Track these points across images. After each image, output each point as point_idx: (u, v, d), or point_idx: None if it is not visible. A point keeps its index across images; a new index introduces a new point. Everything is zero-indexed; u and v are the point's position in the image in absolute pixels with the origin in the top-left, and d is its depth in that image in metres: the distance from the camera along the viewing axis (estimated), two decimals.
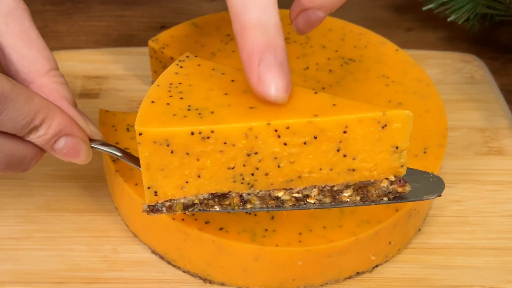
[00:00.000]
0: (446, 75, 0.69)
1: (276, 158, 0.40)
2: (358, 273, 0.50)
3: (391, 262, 0.51)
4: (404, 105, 0.55)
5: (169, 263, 0.51)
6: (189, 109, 0.40)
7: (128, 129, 0.53)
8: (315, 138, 0.39)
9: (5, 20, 0.43)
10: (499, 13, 0.72)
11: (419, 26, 0.79)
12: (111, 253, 0.52)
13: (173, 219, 0.47)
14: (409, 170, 0.42)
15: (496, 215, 0.55)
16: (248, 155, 0.40)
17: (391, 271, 0.51)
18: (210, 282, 0.50)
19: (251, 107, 0.40)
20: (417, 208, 0.50)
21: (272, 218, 0.48)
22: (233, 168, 0.41)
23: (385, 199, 0.42)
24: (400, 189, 0.42)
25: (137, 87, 0.66)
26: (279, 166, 0.41)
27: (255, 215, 0.48)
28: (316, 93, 0.41)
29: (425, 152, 0.51)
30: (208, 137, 0.39)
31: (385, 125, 0.39)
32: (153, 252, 0.52)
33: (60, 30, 0.76)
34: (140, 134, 0.39)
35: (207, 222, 0.47)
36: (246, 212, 0.48)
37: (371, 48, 0.60)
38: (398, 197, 0.42)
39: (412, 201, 0.42)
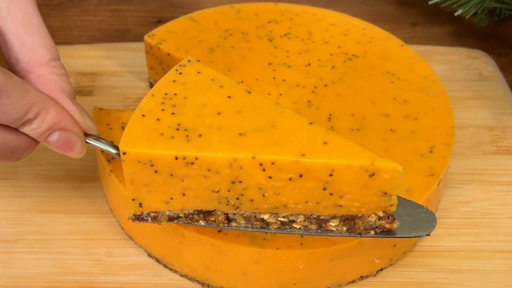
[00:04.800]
0: (453, 71, 0.69)
1: (261, 188, 0.41)
2: (361, 277, 0.50)
3: (396, 265, 0.51)
4: (410, 103, 0.55)
5: (165, 266, 0.51)
6: (177, 129, 0.41)
7: (123, 128, 0.53)
8: (301, 176, 0.40)
9: (8, 5, 0.43)
10: (508, 7, 0.72)
11: (425, 20, 0.79)
12: (106, 256, 0.52)
13: None
14: (402, 201, 0.43)
15: (505, 216, 0.55)
16: (233, 182, 0.41)
17: (396, 275, 0.51)
18: (208, 286, 0.50)
19: (240, 134, 0.41)
20: None
21: None
22: (217, 192, 0.42)
23: (372, 232, 0.42)
24: (388, 226, 0.42)
25: (133, 84, 0.66)
26: (264, 195, 0.41)
27: None
28: (311, 124, 0.41)
29: (431, 152, 0.51)
30: (192, 163, 0.40)
31: (373, 174, 0.39)
32: (149, 255, 0.52)
33: (52, 24, 0.76)
34: (124, 153, 0.40)
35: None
36: None
37: (375, 44, 0.60)
38: (386, 232, 0.42)
39: (400, 237, 0.42)
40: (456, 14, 0.71)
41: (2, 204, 0.55)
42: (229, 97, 0.43)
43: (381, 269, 0.51)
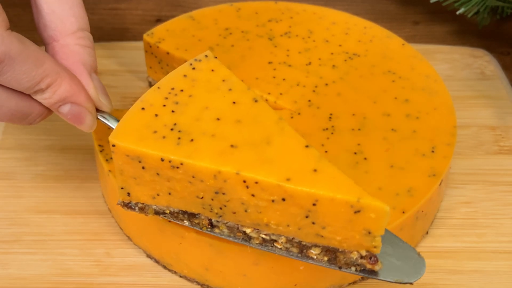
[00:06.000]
0: (455, 70, 0.69)
1: (243, 204, 0.41)
2: (362, 278, 0.50)
3: None
4: (411, 102, 0.55)
5: (165, 267, 0.51)
6: (172, 129, 0.41)
7: None
8: (283, 200, 0.39)
9: None
10: (510, 5, 0.72)
11: (426, 19, 0.78)
12: (104, 257, 0.51)
13: (169, 221, 0.47)
14: (395, 240, 0.41)
15: (508, 217, 0.55)
16: (216, 193, 0.41)
17: None
18: (208, 287, 0.50)
19: (232, 145, 0.40)
20: (424, 210, 0.50)
21: None
22: (202, 198, 0.42)
23: (353, 269, 0.41)
24: (369, 266, 0.41)
25: (132, 83, 0.66)
26: (246, 211, 0.41)
27: None
28: (307, 146, 0.40)
29: (433, 152, 0.51)
30: (177, 167, 0.40)
31: (358, 211, 0.38)
32: (148, 256, 0.52)
33: None
34: (113, 145, 0.41)
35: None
36: None
37: (377, 43, 0.60)
38: (367, 271, 0.41)
39: (380, 279, 0.41)
40: (458, 12, 0.71)
41: (0, 205, 0.55)
42: (234, 102, 0.43)
43: None
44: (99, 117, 0.46)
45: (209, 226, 0.43)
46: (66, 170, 0.58)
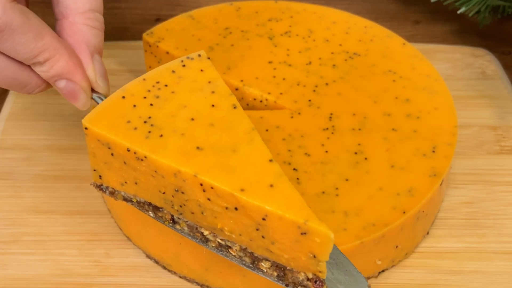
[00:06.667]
0: (456, 70, 0.69)
1: (200, 206, 0.41)
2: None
3: (398, 267, 0.51)
4: (412, 102, 0.55)
5: (164, 268, 0.51)
6: (145, 122, 0.42)
7: None
8: (236, 209, 0.39)
9: None
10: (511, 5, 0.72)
11: (427, 18, 0.78)
12: (104, 257, 0.51)
13: None
14: (349, 268, 0.41)
15: (509, 217, 0.55)
16: (176, 191, 0.41)
17: (398, 277, 0.51)
18: (208, 287, 0.50)
19: (198, 147, 0.41)
20: (425, 211, 0.50)
21: None
22: (164, 193, 0.42)
23: None
24: None
25: None
26: (202, 213, 0.41)
27: None
28: (271, 161, 0.40)
29: (433, 151, 0.51)
30: (142, 160, 0.41)
31: (305, 233, 0.38)
32: (148, 256, 0.52)
33: (49, 22, 0.76)
34: (85, 128, 0.42)
35: None
36: None
37: (377, 42, 0.60)
38: None
39: None
40: (459, 12, 0.71)
41: None
42: (213, 105, 0.43)
43: (383, 271, 0.51)
44: (94, 98, 0.47)
45: (171, 222, 0.44)
46: (65, 170, 0.58)
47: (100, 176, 0.44)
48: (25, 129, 0.61)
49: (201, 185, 0.40)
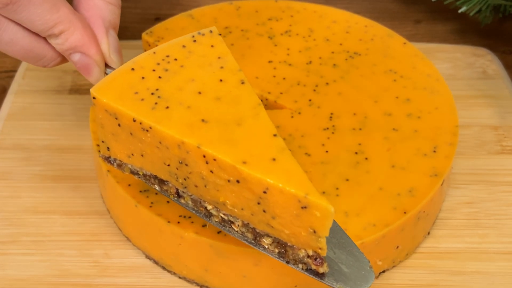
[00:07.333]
0: (457, 69, 0.68)
1: (203, 178, 0.41)
2: None
3: (399, 267, 0.51)
4: (413, 101, 0.55)
5: (164, 268, 0.51)
6: (153, 93, 0.43)
7: None
8: (238, 182, 0.40)
9: None
10: None
11: (428, 18, 0.78)
12: (103, 258, 0.51)
13: (168, 222, 0.47)
14: (353, 249, 0.41)
15: (510, 217, 0.55)
16: (180, 162, 0.42)
17: (399, 277, 0.51)
18: None
19: (203, 120, 0.41)
20: (426, 211, 0.50)
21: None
22: (168, 165, 0.42)
23: (300, 266, 0.41)
24: (314, 267, 0.41)
25: None
26: (205, 186, 0.42)
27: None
28: (275, 135, 0.40)
29: (434, 151, 0.51)
30: (147, 130, 0.41)
31: (305, 207, 0.38)
32: (147, 257, 0.52)
33: None
34: (94, 98, 0.42)
35: (204, 225, 0.47)
36: None
37: (378, 41, 0.60)
38: (313, 271, 0.41)
39: (324, 282, 0.41)
40: (460, 11, 0.71)
41: None
42: (221, 80, 0.44)
43: (384, 271, 0.51)
44: (107, 72, 0.47)
45: (176, 195, 0.44)
46: (64, 170, 0.57)
47: (108, 148, 0.45)
48: (24, 129, 0.61)
49: (204, 156, 0.40)
